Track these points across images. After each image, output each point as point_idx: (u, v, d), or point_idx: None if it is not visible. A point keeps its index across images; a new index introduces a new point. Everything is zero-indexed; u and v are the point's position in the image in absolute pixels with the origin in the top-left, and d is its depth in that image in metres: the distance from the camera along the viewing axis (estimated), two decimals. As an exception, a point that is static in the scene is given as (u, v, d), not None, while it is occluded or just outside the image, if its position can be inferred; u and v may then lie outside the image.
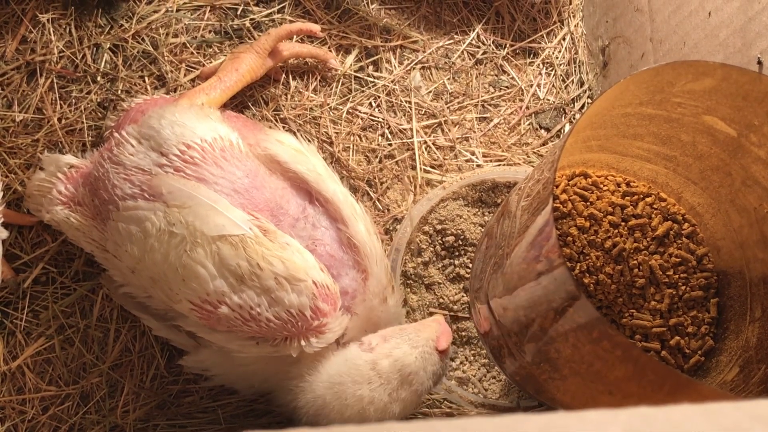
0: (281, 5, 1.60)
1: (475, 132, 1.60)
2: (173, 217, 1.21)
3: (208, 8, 1.58)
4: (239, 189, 1.25)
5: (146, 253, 1.23)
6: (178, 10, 1.56)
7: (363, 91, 1.58)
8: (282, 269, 1.20)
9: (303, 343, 1.23)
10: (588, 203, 1.32)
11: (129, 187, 1.25)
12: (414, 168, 1.57)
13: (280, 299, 1.20)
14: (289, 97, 1.57)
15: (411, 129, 1.58)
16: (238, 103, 1.55)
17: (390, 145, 1.57)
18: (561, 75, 1.66)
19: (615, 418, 0.58)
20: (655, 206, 1.33)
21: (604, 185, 1.33)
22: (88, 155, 1.38)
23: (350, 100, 1.57)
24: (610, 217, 1.30)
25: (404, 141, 1.58)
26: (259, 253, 1.20)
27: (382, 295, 1.31)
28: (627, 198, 1.33)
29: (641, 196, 1.33)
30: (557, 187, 1.31)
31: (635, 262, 1.29)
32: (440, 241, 1.53)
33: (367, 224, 1.32)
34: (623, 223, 1.31)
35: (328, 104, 1.57)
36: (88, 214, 1.32)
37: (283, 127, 1.54)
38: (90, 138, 1.49)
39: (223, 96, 1.44)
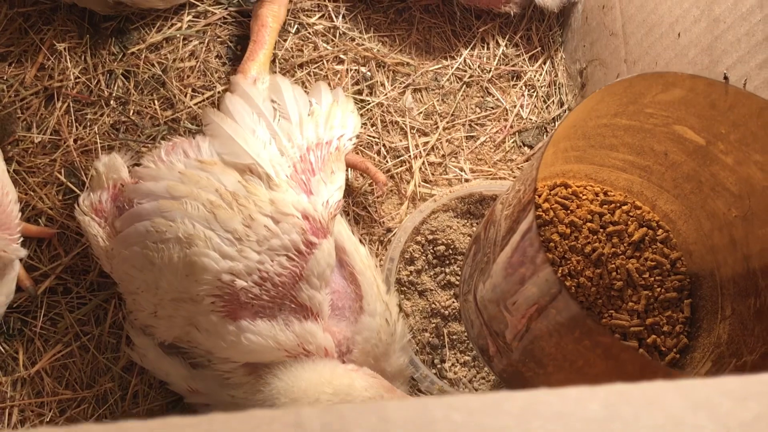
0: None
1: (463, 149, 1.61)
2: (160, 224, 1.21)
3: (212, 35, 1.59)
4: None
5: (159, 280, 1.22)
6: (184, 39, 1.57)
7: (360, 113, 1.59)
8: (270, 210, 1.20)
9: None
10: (568, 211, 1.32)
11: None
12: (408, 182, 1.57)
13: (275, 246, 1.20)
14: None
15: (404, 146, 1.59)
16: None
17: (386, 161, 1.57)
18: (542, 96, 1.66)
19: (594, 395, 0.58)
20: (631, 214, 1.33)
21: (583, 194, 1.34)
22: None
23: (347, 120, 1.58)
24: (589, 224, 1.30)
25: (398, 157, 1.58)
26: (251, 203, 1.20)
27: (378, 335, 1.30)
28: (605, 206, 1.33)
29: (618, 204, 1.34)
30: (540, 196, 1.32)
31: (613, 266, 1.29)
32: (432, 251, 1.53)
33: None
34: (602, 230, 1.31)
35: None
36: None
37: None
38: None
39: (268, 54, 1.48)
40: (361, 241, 1.53)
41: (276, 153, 1.27)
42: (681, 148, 1.18)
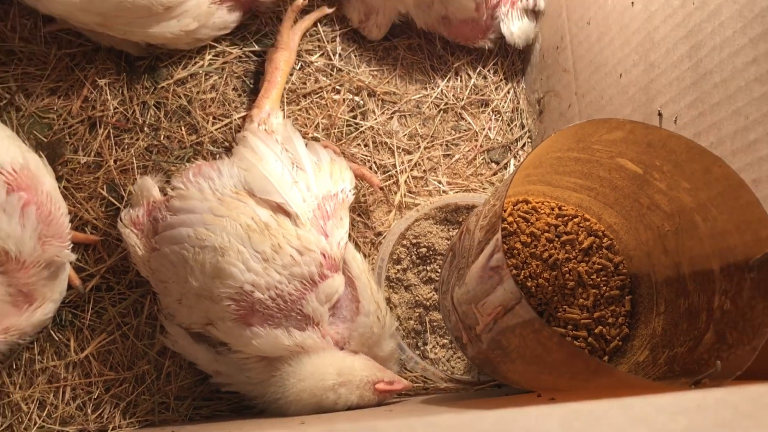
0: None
1: (441, 165, 1.61)
2: (202, 233, 1.21)
3: (229, 72, 1.58)
4: None
5: (189, 275, 1.23)
6: (206, 74, 1.56)
7: (354, 135, 1.59)
8: (297, 244, 1.22)
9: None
10: (529, 223, 1.32)
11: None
12: (395, 193, 1.57)
13: (296, 273, 1.21)
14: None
15: (391, 163, 1.59)
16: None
17: (376, 176, 1.56)
18: (507, 120, 1.66)
19: (552, 412, 0.59)
20: (581, 225, 1.34)
21: (541, 209, 1.34)
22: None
23: (344, 142, 1.58)
24: (546, 234, 1.31)
25: (386, 173, 1.58)
26: (280, 234, 1.22)
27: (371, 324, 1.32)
28: (559, 219, 1.33)
29: (570, 217, 1.34)
30: (505, 211, 1.32)
31: (566, 269, 1.30)
32: (415, 252, 1.53)
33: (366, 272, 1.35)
34: (557, 239, 1.31)
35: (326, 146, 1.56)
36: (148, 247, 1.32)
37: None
38: (139, 175, 1.49)
39: (279, 91, 1.49)
40: (356, 244, 1.53)
41: (300, 198, 1.27)
42: (622, 175, 1.18)
